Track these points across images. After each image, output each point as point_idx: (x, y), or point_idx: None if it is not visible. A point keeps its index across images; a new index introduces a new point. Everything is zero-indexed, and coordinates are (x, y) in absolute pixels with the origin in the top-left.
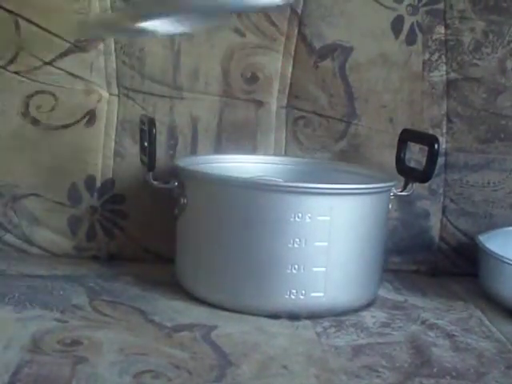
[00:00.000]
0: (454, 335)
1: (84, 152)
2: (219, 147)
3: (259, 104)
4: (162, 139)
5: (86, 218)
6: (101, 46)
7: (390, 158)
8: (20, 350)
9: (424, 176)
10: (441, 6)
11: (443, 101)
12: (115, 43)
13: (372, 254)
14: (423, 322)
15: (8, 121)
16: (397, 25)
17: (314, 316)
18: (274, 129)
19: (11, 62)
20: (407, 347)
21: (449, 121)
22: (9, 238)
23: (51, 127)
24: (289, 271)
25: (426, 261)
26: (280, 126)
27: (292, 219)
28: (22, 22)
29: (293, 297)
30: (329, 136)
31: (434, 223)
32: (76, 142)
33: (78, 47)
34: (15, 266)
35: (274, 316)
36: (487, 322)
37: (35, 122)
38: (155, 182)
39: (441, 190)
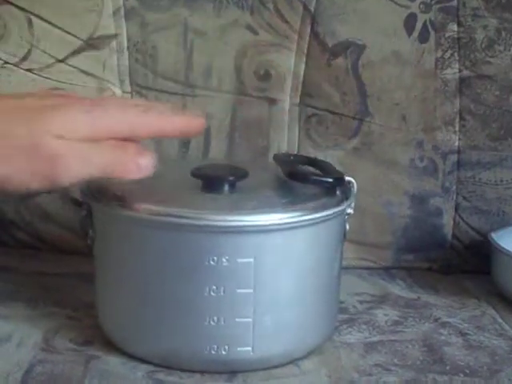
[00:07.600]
0: (466, 333)
1: None
2: (232, 144)
3: (272, 102)
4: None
5: None
6: (113, 44)
7: (402, 155)
8: (32, 348)
9: None
10: (454, 3)
11: (456, 98)
12: (128, 41)
13: (315, 296)
14: (436, 320)
15: None
16: (409, 22)
17: (241, 372)
18: (287, 126)
19: (24, 59)
20: (419, 345)
21: (461, 118)
22: (21, 235)
23: None
24: (206, 323)
25: (439, 258)
26: (293, 124)
27: (206, 263)
28: (34, 20)
29: (213, 352)
30: (342, 134)
31: (447, 221)
32: None
33: (91, 45)
34: (27, 264)
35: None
36: (500, 320)
37: None
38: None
39: (453, 188)
